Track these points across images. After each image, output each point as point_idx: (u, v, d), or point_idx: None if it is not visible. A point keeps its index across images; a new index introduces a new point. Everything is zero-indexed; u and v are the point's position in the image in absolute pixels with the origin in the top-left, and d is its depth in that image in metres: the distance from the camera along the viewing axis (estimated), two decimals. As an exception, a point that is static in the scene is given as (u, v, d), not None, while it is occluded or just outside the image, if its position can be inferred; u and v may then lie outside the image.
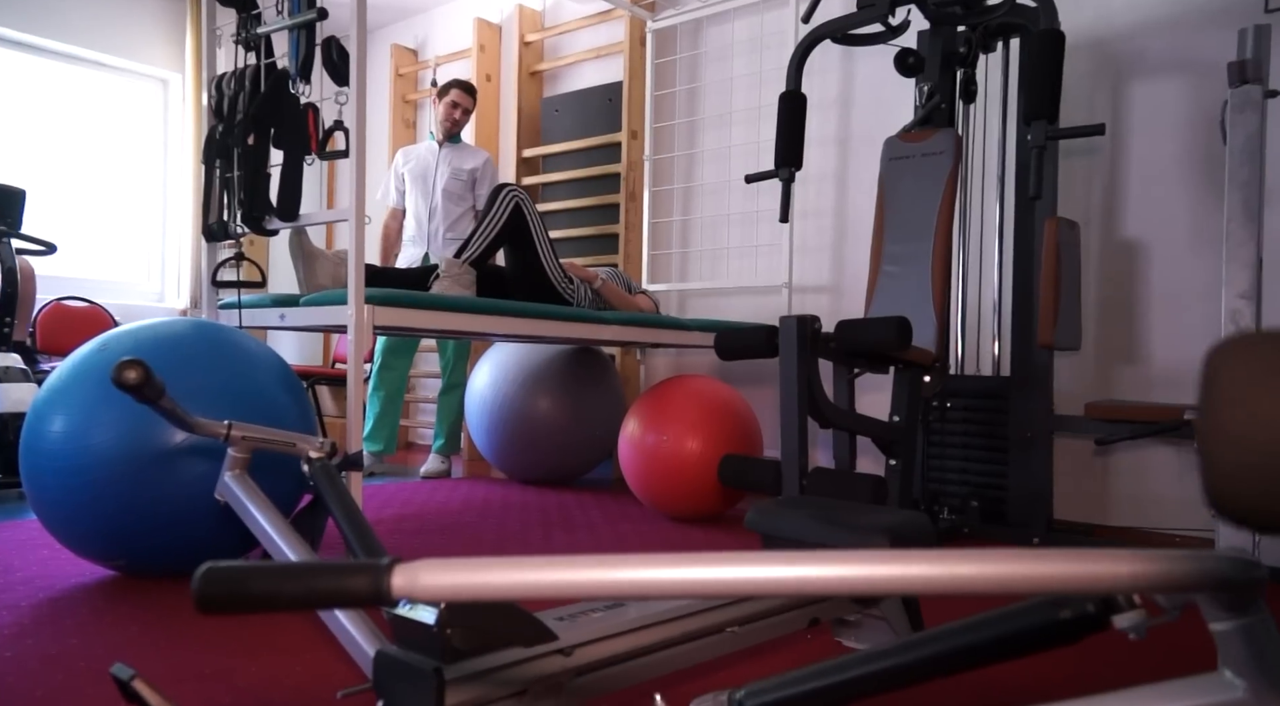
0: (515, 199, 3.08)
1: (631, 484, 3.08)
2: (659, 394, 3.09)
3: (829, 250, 3.70)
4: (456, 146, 4.18)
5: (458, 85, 4.11)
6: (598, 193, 4.37)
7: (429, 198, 4.13)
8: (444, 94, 4.14)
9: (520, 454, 3.75)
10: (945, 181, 2.57)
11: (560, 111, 4.59)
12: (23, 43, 4.79)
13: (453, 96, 4.11)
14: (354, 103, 2.27)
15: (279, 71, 2.48)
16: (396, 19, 5.54)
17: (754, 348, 2.31)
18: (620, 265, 4.16)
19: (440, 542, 2.56)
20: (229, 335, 2.17)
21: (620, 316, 3.02)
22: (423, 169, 4.17)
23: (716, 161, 4.07)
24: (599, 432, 3.80)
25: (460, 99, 4.11)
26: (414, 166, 4.19)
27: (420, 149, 4.24)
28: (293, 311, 2.50)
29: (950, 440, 2.90)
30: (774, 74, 3.86)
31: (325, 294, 2.42)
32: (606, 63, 4.49)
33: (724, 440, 2.94)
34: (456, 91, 4.12)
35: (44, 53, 4.90)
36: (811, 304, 3.73)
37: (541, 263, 3.15)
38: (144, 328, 2.10)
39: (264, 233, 2.51)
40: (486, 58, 4.89)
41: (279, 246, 5.61)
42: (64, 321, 4.50)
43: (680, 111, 4.17)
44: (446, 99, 4.12)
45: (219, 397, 2.01)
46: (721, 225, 4.04)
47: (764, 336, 2.29)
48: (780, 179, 2.76)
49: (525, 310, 2.68)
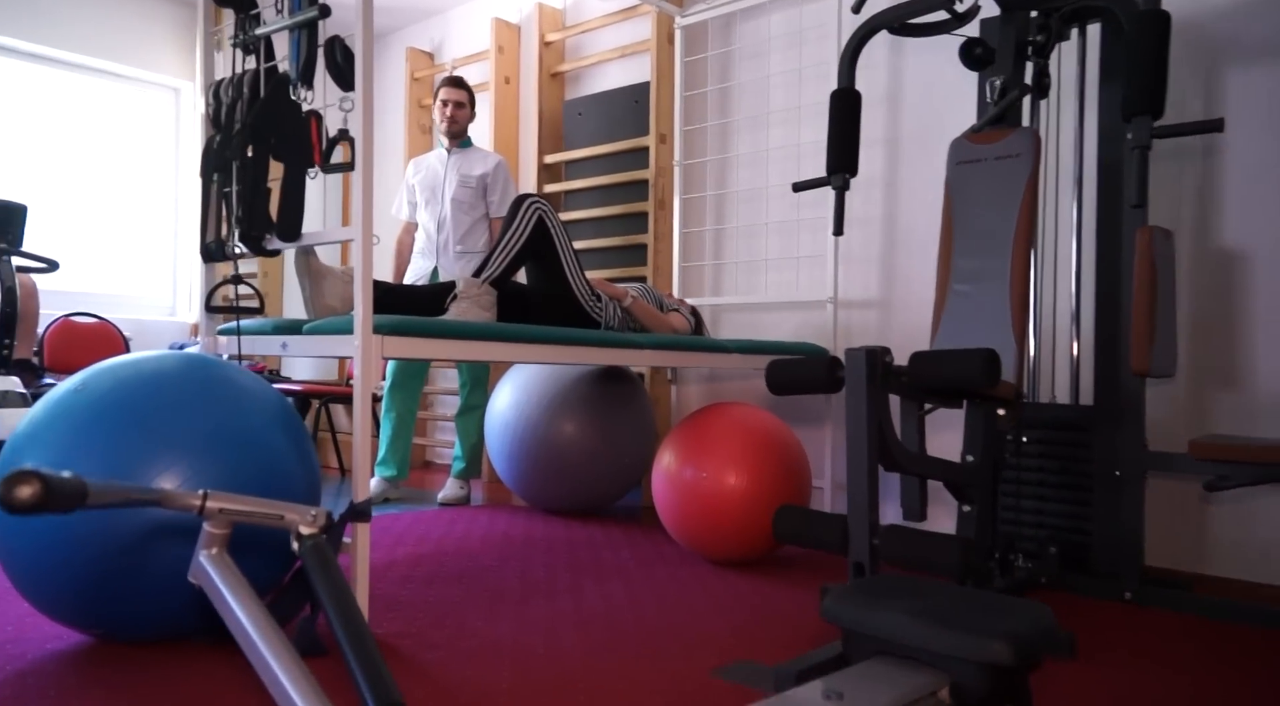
0: (538, 211, 2.82)
1: (666, 521, 2.81)
2: (697, 423, 2.82)
3: (877, 261, 3.41)
4: (465, 151, 3.93)
5: (445, 83, 3.89)
6: (624, 200, 4.11)
7: (438, 208, 3.89)
8: (435, 96, 3.92)
9: (544, 482, 3.49)
10: (1023, 188, 2.28)
11: (584, 114, 4.33)
12: (32, 53, 4.59)
13: (443, 95, 3.90)
14: (360, 109, 2.02)
15: (279, 76, 2.23)
16: (411, 21, 5.30)
17: (812, 382, 2.03)
18: (650, 278, 3.89)
19: (457, 596, 2.29)
20: (222, 371, 1.92)
21: (653, 339, 2.75)
22: (432, 179, 3.93)
23: (752, 166, 3.79)
24: (628, 460, 3.53)
25: (450, 95, 3.88)
26: (424, 177, 3.97)
27: (430, 158, 4.01)
28: (296, 339, 2.25)
29: (1025, 477, 2.61)
30: (815, 71, 3.58)
31: (330, 322, 2.17)
32: (632, 62, 4.23)
33: (769, 476, 2.66)
34: (445, 89, 3.89)
35: (54, 63, 4.69)
36: (859, 320, 3.45)
37: (567, 279, 2.89)
38: (127, 364, 1.86)
39: (263, 253, 2.26)
40: (505, 59, 4.64)
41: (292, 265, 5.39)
42: (72, 338, 4.29)
43: (712, 113, 3.90)
44: (438, 100, 3.90)
45: (210, 443, 1.77)
46: (758, 235, 3.77)
47: (824, 369, 2.02)
48: (833, 187, 2.48)
49: (549, 336, 2.42)
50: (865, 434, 1.85)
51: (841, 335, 3.48)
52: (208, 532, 1.27)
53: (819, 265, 3.56)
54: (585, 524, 3.42)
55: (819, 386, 2.03)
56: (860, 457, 1.85)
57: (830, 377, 2.01)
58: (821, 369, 2.02)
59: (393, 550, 2.85)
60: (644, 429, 3.59)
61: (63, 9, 4.60)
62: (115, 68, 4.86)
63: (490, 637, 1.96)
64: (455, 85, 3.89)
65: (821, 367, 2.02)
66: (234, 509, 1.23)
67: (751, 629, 2.05)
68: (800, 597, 2.34)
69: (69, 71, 4.78)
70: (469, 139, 3.97)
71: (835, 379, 2.02)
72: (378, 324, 2.05)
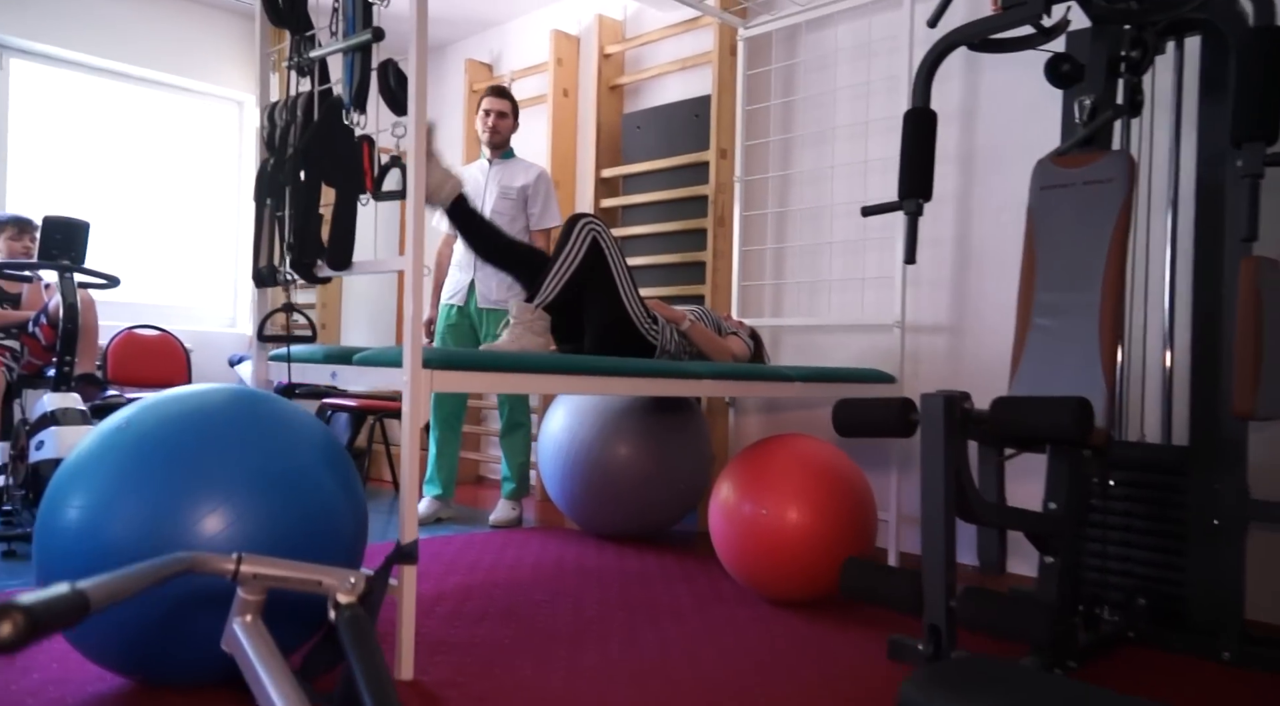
0: (592, 233, 2.73)
1: (723, 556, 2.70)
2: (756, 456, 2.70)
3: (948, 284, 3.25)
4: (507, 162, 3.86)
5: (489, 92, 3.82)
6: (683, 216, 4.00)
7: None
8: (478, 107, 3.85)
9: (597, 507, 3.40)
10: (1116, 216, 2.12)
11: (642, 128, 4.24)
12: (98, 67, 4.66)
13: (485, 104, 3.82)
14: (413, 136, 1.95)
15: (332, 100, 2.17)
16: (470, 33, 5.27)
17: (884, 425, 1.90)
18: (708, 297, 3.78)
19: (507, 638, 2.21)
20: (268, 407, 1.87)
21: (711, 368, 2.64)
22: (473, 189, 3.85)
23: (816, 183, 3.65)
24: (683, 486, 3.43)
25: (493, 105, 3.81)
26: (465, 188, 3.88)
27: (471, 169, 3.96)
28: (345, 370, 2.19)
29: (1111, 521, 2.43)
30: (883, 85, 3.43)
31: (379, 353, 2.11)
32: (693, 75, 4.12)
33: (833, 513, 2.53)
34: (488, 98, 3.82)
35: (119, 77, 4.76)
36: (927, 346, 3.29)
37: (623, 302, 2.80)
38: (172, 400, 1.81)
39: (315, 280, 2.21)
40: (564, 71, 4.57)
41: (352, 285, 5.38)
42: (135, 351, 4.34)
43: (775, 127, 3.78)
44: (481, 110, 3.82)
45: (256, 482, 1.71)
46: (821, 254, 3.63)
47: (897, 413, 1.89)
48: (906, 212, 2.35)
49: (603, 367, 2.33)
50: (942, 486, 1.72)
51: (909, 360, 3.33)
52: (241, 598, 1.20)
53: (886, 287, 3.41)
54: (639, 552, 3.32)
55: (891, 430, 1.90)
56: (936, 511, 1.72)
57: (903, 422, 1.88)
58: (894, 412, 1.89)
59: (443, 580, 2.78)
60: (700, 454, 3.48)
61: (127, 23, 4.66)
62: (180, 81, 4.91)
63: (540, 690, 1.87)
64: (498, 95, 3.81)
65: (894, 411, 1.89)
66: (269, 574, 1.15)
67: (815, 688, 1.92)
68: (867, 648, 2.20)
69: (135, 85, 4.84)
70: (511, 150, 3.90)
71: (908, 423, 1.89)
72: (427, 358, 1.98)
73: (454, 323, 3.84)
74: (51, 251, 3.09)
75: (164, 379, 4.37)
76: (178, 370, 4.42)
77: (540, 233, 3.86)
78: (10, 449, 3.19)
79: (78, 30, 4.47)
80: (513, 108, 3.85)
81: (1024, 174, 3.06)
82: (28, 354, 3.43)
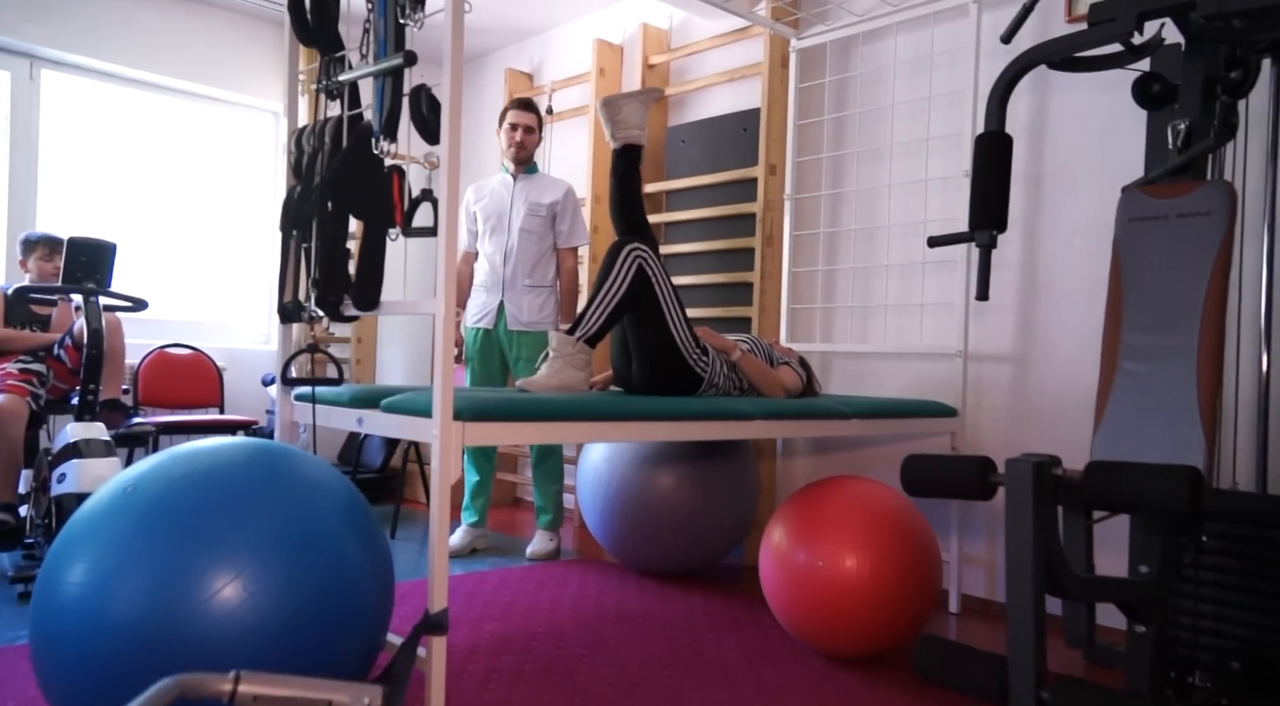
0: (639, 260, 2.57)
1: (775, 606, 2.53)
2: (811, 499, 2.53)
3: (1014, 311, 3.05)
4: (533, 178, 3.70)
5: (514, 104, 3.64)
6: (729, 235, 3.83)
7: (505, 238, 3.66)
8: (503, 118, 3.67)
9: (638, 542, 3.25)
10: (1215, 252, 1.92)
11: (687, 142, 4.08)
12: (132, 78, 4.60)
13: (511, 118, 3.63)
14: (446, 169, 1.80)
15: (361, 127, 2.04)
16: (511, 41, 5.14)
17: (958, 487, 1.72)
18: (755, 320, 3.60)
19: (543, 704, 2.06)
20: (287, 463, 1.73)
21: (762, 407, 2.47)
22: (497, 206, 3.69)
23: (870, 202, 3.47)
24: (730, 521, 3.26)
25: (520, 118, 3.63)
26: (487, 203, 3.71)
27: (493, 183, 3.77)
28: (373, 416, 2.06)
29: (1203, 577, 2.22)
30: (945, 100, 3.23)
31: (409, 400, 1.97)
32: (741, 87, 3.95)
33: (894, 563, 2.35)
34: (514, 111, 3.64)
35: (154, 88, 4.69)
36: (990, 376, 3.09)
37: (670, 332, 2.64)
38: (183, 459, 1.68)
39: (340, 318, 2.08)
40: (606, 82, 4.42)
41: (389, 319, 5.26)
42: (166, 371, 4.26)
43: (828, 143, 3.59)
44: (505, 122, 3.65)
45: (272, 550, 1.58)
46: (876, 277, 3.44)
47: (973, 474, 1.70)
48: (977, 245, 2.16)
49: (648, 411, 2.17)
50: (1031, 563, 1.53)
51: (971, 391, 3.12)
52: (244, 717, 1.05)
53: (946, 313, 3.21)
54: (683, 591, 3.15)
55: (967, 492, 1.72)
56: (1024, 592, 1.53)
57: (981, 484, 1.70)
58: (970, 473, 1.71)
59: (477, 627, 2.64)
60: (747, 488, 3.31)
61: (160, 32, 4.59)
62: (216, 92, 4.83)
63: (578, 772, 1.72)
64: (525, 108, 3.65)
65: (969, 472, 1.71)
66: (272, 694, 1.01)
67: (881, 773, 1.75)
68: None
69: (170, 96, 4.78)
70: (535, 165, 3.74)
71: (986, 486, 1.70)
72: (459, 408, 1.84)
73: (483, 347, 3.70)
74: (76, 274, 3.00)
75: (196, 399, 4.29)
76: (210, 390, 4.34)
77: (568, 251, 3.71)
78: (33, 479, 3.12)
79: (110, 40, 4.41)
80: (539, 122, 3.70)
81: (1098, 197, 2.85)
82: (53, 377, 3.35)
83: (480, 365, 3.71)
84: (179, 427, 3.90)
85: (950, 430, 3.06)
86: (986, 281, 2.15)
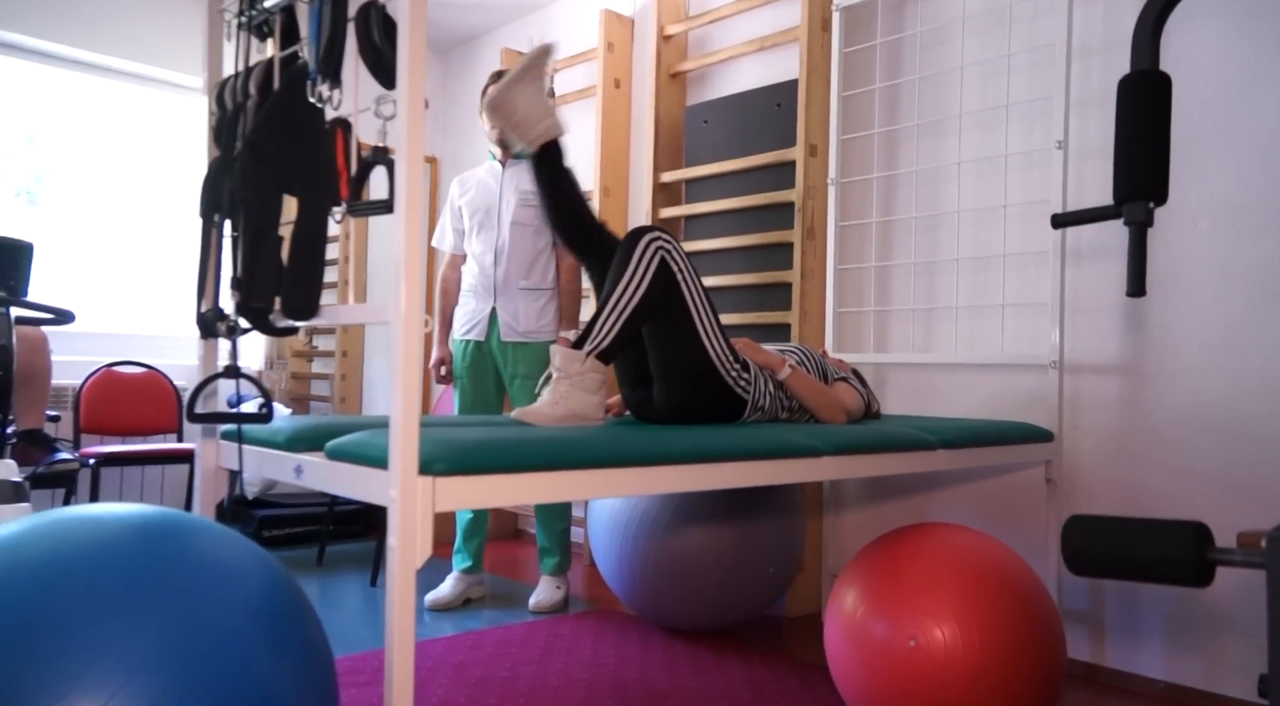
0: (661, 252, 2.03)
1: (846, 690, 1.98)
2: (892, 553, 1.98)
3: (1118, 311, 2.50)
4: (523, 163, 3.15)
5: (499, 76, 3.09)
6: (762, 228, 3.29)
7: (494, 234, 3.12)
8: (486, 94, 3.11)
9: (663, 596, 2.70)
10: None
11: (710, 122, 3.54)
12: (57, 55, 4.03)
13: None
14: (405, 116, 1.26)
15: (294, 67, 1.50)
16: (508, 19, 4.61)
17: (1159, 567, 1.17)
18: (795, 328, 3.05)
19: None
20: (184, 543, 1.20)
21: (835, 439, 1.91)
22: (484, 198, 3.15)
23: (933, 185, 2.92)
24: (773, 570, 2.71)
25: None
26: (473, 196, 3.18)
27: (480, 173, 3.23)
28: (315, 463, 1.51)
29: None
30: (1026, 59, 2.69)
31: (356, 444, 1.42)
32: (774, 56, 3.41)
33: (1007, 638, 1.80)
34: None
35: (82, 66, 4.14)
36: (1089, 391, 2.53)
37: (702, 343, 2.09)
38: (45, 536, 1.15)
39: (271, 331, 1.53)
40: (616, 58, 3.89)
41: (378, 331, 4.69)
42: (115, 392, 3.72)
43: (880, 118, 3.05)
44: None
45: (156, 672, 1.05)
46: (942, 274, 2.89)
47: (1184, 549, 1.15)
48: (1127, 222, 1.61)
49: (697, 450, 1.62)
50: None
51: (1068, 409, 2.57)
52: None
53: (1032, 316, 2.66)
54: (717, 657, 2.59)
55: (1174, 574, 1.17)
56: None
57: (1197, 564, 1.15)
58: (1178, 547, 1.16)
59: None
60: (792, 529, 2.76)
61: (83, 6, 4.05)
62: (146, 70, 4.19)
63: None
64: None
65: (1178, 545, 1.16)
66: None
67: None
68: None
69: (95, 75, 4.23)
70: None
71: (1204, 567, 1.15)
72: (428, 456, 1.29)
73: (473, 362, 3.16)
74: (-19, 281, 2.47)
75: (150, 426, 3.74)
76: (166, 414, 3.80)
77: None
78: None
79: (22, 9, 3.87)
80: None
81: (1233, 170, 2.30)
82: (-37, 405, 2.81)
83: (471, 384, 3.17)
84: (123, 459, 3.36)
85: (1044, 458, 2.50)
86: (1142, 271, 1.59)
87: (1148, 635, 2.40)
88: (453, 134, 5.03)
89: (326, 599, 3.14)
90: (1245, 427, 2.26)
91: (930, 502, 2.89)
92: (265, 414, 1.59)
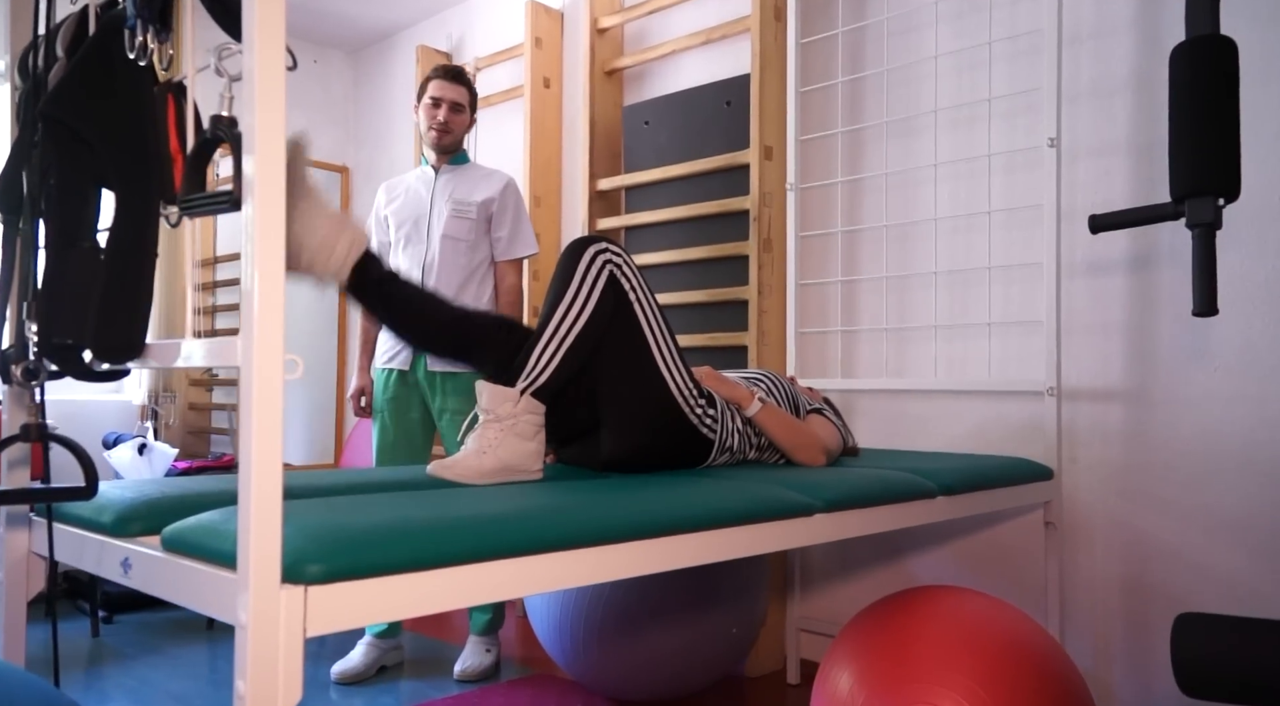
0: (609, 267, 1.67)
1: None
2: (889, 621, 1.64)
3: (1120, 330, 2.22)
4: (461, 169, 2.79)
5: (438, 73, 2.73)
6: (713, 239, 2.95)
7: (422, 249, 2.73)
8: (422, 93, 2.76)
9: (609, 659, 2.32)
10: None
11: (652, 124, 3.19)
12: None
13: (434, 91, 2.71)
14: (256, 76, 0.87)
15: (109, 16, 1.10)
16: (424, 15, 4.22)
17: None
18: (752, 351, 2.72)
19: None
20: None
21: (826, 490, 1.57)
22: (413, 207, 2.77)
23: (904, 189, 2.62)
24: (736, 630, 2.36)
25: (444, 92, 2.70)
26: (401, 205, 2.79)
27: (408, 180, 2.85)
28: (148, 557, 1.10)
29: None
30: (1008, 48, 2.41)
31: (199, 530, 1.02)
32: (722, 49, 3.08)
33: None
34: (437, 83, 2.71)
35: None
36: (1088, 420, 2.25)
37: (661, 373, 1.74)
38: None
39: (85, 375, 1.12)
40: (545, 55, 3.53)
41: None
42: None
43: (843, 115, 2.74)
44: (426, 97, 2.73)
45: None
46: (917, 289, 2.59)
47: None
48: (1190, 224, 1.30)
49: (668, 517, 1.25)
50: None
51: (1066, 440, 2.28)
52: None
53: (1024, 334, 2.37)
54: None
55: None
56: None
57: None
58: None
59: None
60: (756, 583, 2.41)
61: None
62: None
63: None
64: (452, 79, 2.72)
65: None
66: None
67: None
68: None
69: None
70: (465, 153, 2.83)
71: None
72: (293, 559, 0.90)
73: (395, 395, 2.74)
74: None
75: (3, 473, 3.21)
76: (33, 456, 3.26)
77: (509, 264, 2.79)
78: None
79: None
80: (471, 98, 2.78)
81: (1250, 170, 2.03)
82: None
83: (392, 420, 2.75)
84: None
85: (1043, 499, 2.20)
86: (1213, 283, 1.29)
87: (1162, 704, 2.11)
88: (366, 142, 4.60)
89: (215, 675, 2.68)
90: (1270, 461, 1.99)
91: (908, 544, 2.57)
92: (86, 488, 1.17)
